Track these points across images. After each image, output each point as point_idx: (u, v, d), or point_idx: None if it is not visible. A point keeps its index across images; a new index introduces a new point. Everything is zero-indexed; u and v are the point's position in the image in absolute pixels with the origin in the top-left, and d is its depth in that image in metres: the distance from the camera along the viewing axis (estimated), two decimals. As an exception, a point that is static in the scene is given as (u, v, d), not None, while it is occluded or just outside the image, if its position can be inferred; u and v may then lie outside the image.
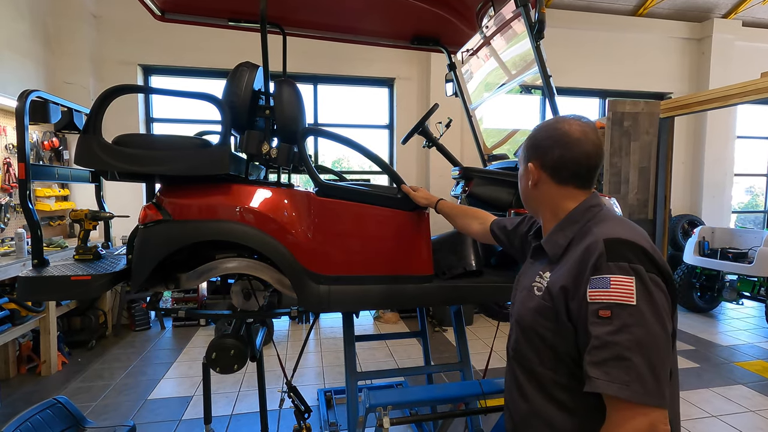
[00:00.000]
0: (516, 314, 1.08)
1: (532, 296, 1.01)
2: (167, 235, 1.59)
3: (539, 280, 1.01)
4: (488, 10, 2.35)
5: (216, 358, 1.75)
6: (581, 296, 0.87)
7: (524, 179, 1.10)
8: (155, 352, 4.23)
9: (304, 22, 2.55)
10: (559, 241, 1.00)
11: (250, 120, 1.81)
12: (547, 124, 1.06)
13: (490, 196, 2.10)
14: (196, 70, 5.33)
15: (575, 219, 1.00)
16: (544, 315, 0.96)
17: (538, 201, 1.09)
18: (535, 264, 1.11)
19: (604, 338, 0.81)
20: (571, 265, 0.92)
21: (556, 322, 0.93)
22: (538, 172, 1.05)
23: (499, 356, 4.20)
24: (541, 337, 0.97)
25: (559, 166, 1.01)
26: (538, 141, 1.05)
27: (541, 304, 0.97)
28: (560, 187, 1.03)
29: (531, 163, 1.06)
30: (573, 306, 0.89)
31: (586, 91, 6.52)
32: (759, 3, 6.28)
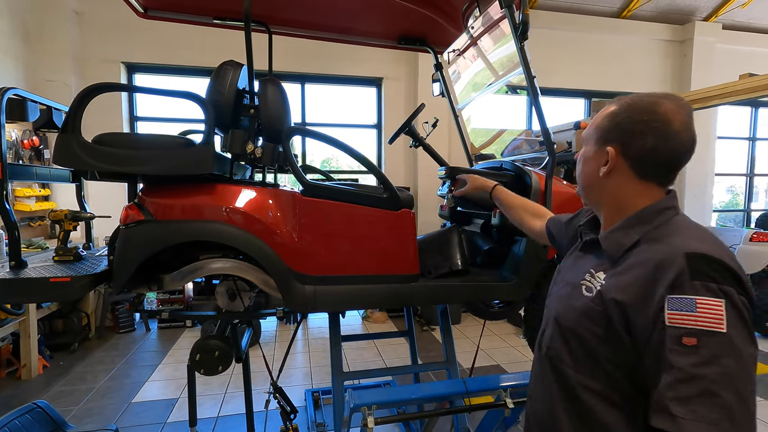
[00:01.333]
0: (555, 310, 0.98)
1: (579, 295, 0.91)
2: (149, 235, 1.56)
3: (590, 279, 0.91)
4: (474, 11, 2.37)
5: (200, 360, 1.73)
6: (651, 314, 0.75)
7: (592, 163, 0.94)
8: (140, 355, 4.17)
9: (290, 21, 2.53)
10: (622, 241, 0.88)
11: (235, 119, 1.80)
12: (641, 102, 0.88)
13: (476, 196, 2.11)
14: (181, 69, 5.26)
15: (645, 219, 0.87)
16: (593, 319, 0.86)
17: (604, 191, 0.93)
18: (584, 259, 0.99)
19: (689, 371, 0.70)
20: (636, 277, 0.80)
21: (606, 330, 0.83)
22: (617, 159, 0.89)
23: (486, 354, 4.23)
24: (582, 341, 0.87)
25: (646, 158, 0.87)
26: (626, 122, 0.88)
27: (590, 307, 0.87)
28: (638, 181, 0.89)
29: (612, 146, 0.89)
30: (638, 321, 0.78)
31: (572, 91, 6.60)
32: (738, 6, 6.43)
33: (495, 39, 2.46)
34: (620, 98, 0.92)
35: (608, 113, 0.92)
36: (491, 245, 2.20)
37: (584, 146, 0.97)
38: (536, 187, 1.96)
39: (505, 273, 2.00)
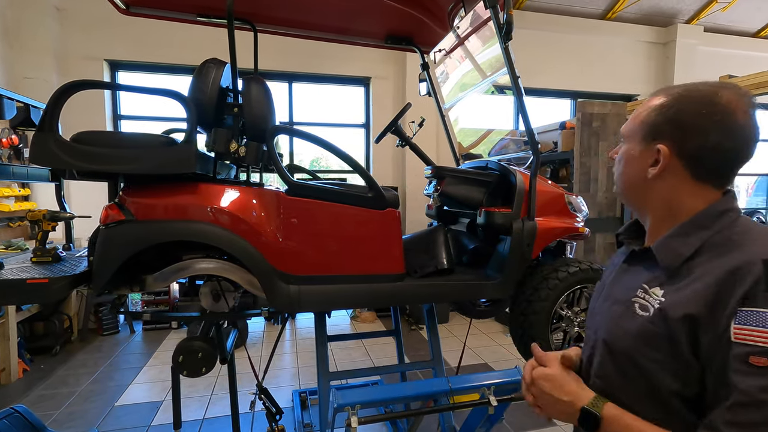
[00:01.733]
0: (604, 333, 0.84)
1: (633, 315, 0.78)
2: (130, 235, 1.54)
3: (644, 297, 0.78)
4: (459, 11, 2.38)
5: (183, 362, 1.71)
6: (720, 330, 0.66)
7: (637, 163, 0.82)
8: (124, 357, 4.10)
9: (276, 19, 2.51)
10: (679, 249, 0.76)
11: (218, 118, 1.78)
12: (696, 92, 0.76)
13: (461, 195, 2.12)
14: (166, 66, 5.19)
15: (704, 224, 0.76)
16: (651, 344, 0.74)
17: (652, 194, 0.82)
18: (632, 272, 0.87)
19: (755, 395, 0.62)
20: (703, 288, 0.69)
21: (670, 356, 0.71)
22: (670, 158, 0.77)
23: (473, 353, 4.26)
24: (639, 369, 0.75)
25: (705, 158, 0.75)
26: (681, 117, 0.76)
27: (648, 329, 0.74)
28: (694, 182, 0.77)
29: (663, 144, 0.77)
30: (704, 340, 0.67)
31: (558, 92, 6.68)
32: (719, 10, 6.57)
33: (481, 39, 2.48)
34: (668, 88, 0.80)
35: (656, 105, 0.79)
36: (477, 244, 2.22)
37: (625, 143, 0.86)
38: (521, 187, 1.98)
39: (490, 272, 2.01)
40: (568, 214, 2.12)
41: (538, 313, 1.89)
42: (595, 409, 0.77)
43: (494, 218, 1.96)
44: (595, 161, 4.33)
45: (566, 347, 2.02)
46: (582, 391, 0.82)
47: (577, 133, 4.28)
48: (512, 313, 2.00)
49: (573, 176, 4.32)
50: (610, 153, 0.92)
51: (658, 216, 0.83)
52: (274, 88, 5.57)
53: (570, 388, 0.83)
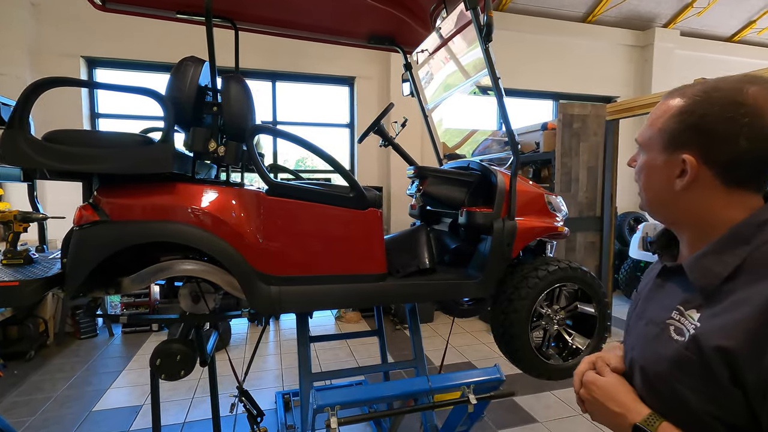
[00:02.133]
0: (638, 354, 0.78)
1: (668, 340, 0.72)
2: (104, 237, 1.50)
3: (679, 319, 0.71)
4: (441, 12, 2.39)
5: (160, 365, 1.68)
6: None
7: (662, 175, 0.74)
8: (102, 361, 4.01)
9: (257, 18, 2.48)
10: (715, 269, 0.68)
11: (197, 117, 1.75)
12: (718, 91, 0.68)
13: (443, 195, 2.14)
14: (146, 64, 5.09)
15: (743, 238, 0.67)
16: (688, 372, 0.67)
17: (682, 207, 0.74)
18: (666, 289, 0.80)
19: None
20: (744, 317, 0.61)
21: (707, 384, 0.64)
22: (699, 168, 0.69)
23: (458, 351, 4.29)
24: (679, 398, 0.68)
25: (737, 164, 0.67)
26: (704, 122, 0.68)
27: (683, 355, 0.67)
28: (727, 190, 0.69)
29: (689, 154, 0.70)
30: (750, 378, 0.60)
31: (540, 93, 6.77)
32: (695, 15, 6.75)
33: (464, 40, 2.49)
34: (684, 89, 0.72)
35: (674, 111, 0.71)
36: (458, 244, 2.23)
37: (644, 153, 0.78)
38: (501, 187, 2.00)
39: (472, 271, 2.03)
40: (548, 214, 2.15)
41: (518, 312, 1.91)
42: (649, 427, 0.70)
43: (475, 218, 1.97)
44: (576, 161, 4.41)
45: (546, 345, 2.05)
46: (636, 405, 0.75)
47: (558, 134, 4.34)
48: (493, 312, 2.02)
49: (554, 176, 4.39)
50: (629, 161, 0.84)
51: (692, 230, 0.75)
52: (258, 87, 5.56)
53: (622, 400, 0.76)
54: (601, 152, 4.48)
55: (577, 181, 4.43)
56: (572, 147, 4.38)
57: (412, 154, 2.67)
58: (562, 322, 2.08)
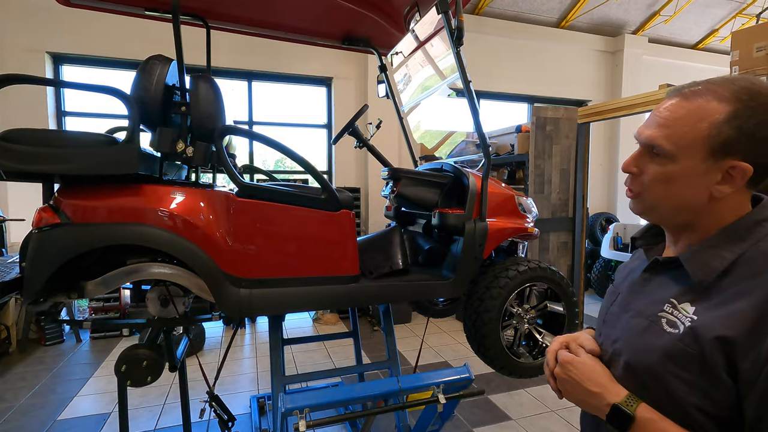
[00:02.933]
0: (623, 345, 0.80)
1: (659, 332, 0.73)
2: (65, 239, 1.45)
3: (672, 312, 0.73)
4: (415, 15, 2.41)
5: (126, 371, 1.64)
6: (764, 355, 0.61)
7: (699, 182, 0.72)
8: (69, 368, 3.86)
9: (229, 16, 2.44)
10: (713, 263, 0.71)
11: (164, 117, 1.71)
12: (761, 95, 0.67)
13: (416, 197, 2.15)
14: (114, 61, 4.94)
15: (740, 235, 0.71)
16: (681, 363, 0.69)
17: (707, 212, 0.74)
18: (656, 283, 0.81)
19: None
20: (743, 309, 0.64)
21: (700, 376, 0.67)
22: (747, 177, 0.69)
23: (434, 351, 4.32)
24: (665, 388, 0.70)
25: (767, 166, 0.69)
26: (752, 129, 0.67)
27: (677, 347, 0.69)
28: (746, 191, 0.72)
29: (739, 161, 0.68)
30: (744, 366, 0.63)
31: (516, 96, 6.90)
32: (662, 22, 7.01)
33: (437, 43, 2.52)
34: (726, 90, 0.69)
35: (725, 117, 0.68)
36: (432, 245, 2.25)
37: (671, 161, 0.73)
38: (473, 188, 2.03)
39: (445, 271, 2.05)
40: (519, 215, 2.19)
41: (489, 311, 1.94)
42: (628, 408, 0.72)
43: (447, 219, 2.00)
44: (548, 163, 4.51)
45: (517, 344, 2.09)
46: (614, 386, 0.76)
47: (531, 136, 4.43)
48: (466, 311, 2.05)
49: (528, 178, 4.48)
50: (628, 167, 0.79)
51: (704, 230, 0.75)
52: (233, 87, 5.47)
53: (600, 381, 0.78)
54: (573, 154, 4.60)
55: (550, 182, 4.53)
56: (545, 149, 4.48)
57: (390, 156, 2.68)
58: (532, 321, 2.12)
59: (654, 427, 0.69)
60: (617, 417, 0.73)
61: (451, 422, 2.69)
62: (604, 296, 0.98)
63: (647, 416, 0.70)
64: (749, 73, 2.35)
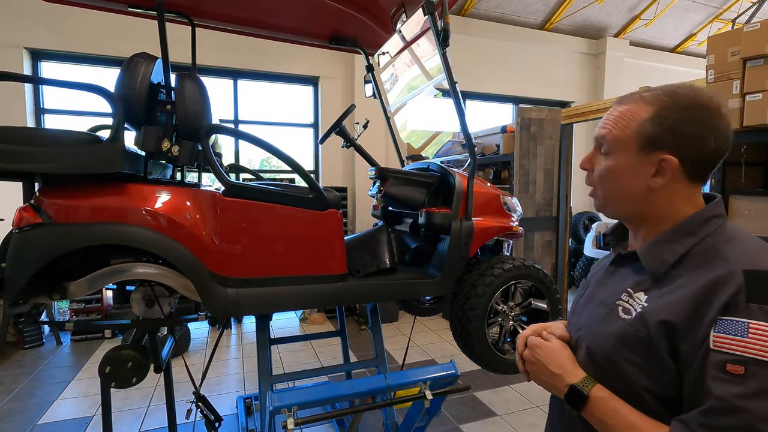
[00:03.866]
0: (586, 332, 0.86)
1: (615, 318, 0.80)
2: (47, 240, 1.43)
3: (628, 300, 0.80)
4: (402, 15, 2.43)
5: (110, 372, 1.62)
6: (699, 338, 0.67)
7: (635, 175, 0.80)
8: (49, 371, 3.78)
9: (215, 15, 2.42)
10: (665, 256, 0.77)
11: (149, 115, 1.70)
12: (683, 98, 0.76)
13: (403, 196, 2.17)
14: (97, 58, 4.85)
15: (690, 230, 0.77)
16: (631, 346, 0.75)
17: (650, 204, 0.81)
18: (618, 275, 0.88)
19: (730, 401, 0.63)
20: (685, 296, 0.71)
21: (647, 359, 0.73)
22: (675, 168, 0.76)
23: (421, 350, 4.35)
24: (619, 372, 0.76)
25: (705, 162, 0.76)
26: (681, 125, 0.75)
27: (629, 332, 0.76)
28: (690, 186, 0.78)
29: (667, 154, 0.76)
30: (683, 348, 0.69)
31: (501, 97, 6.98)
32: (643, 26, 7.17)
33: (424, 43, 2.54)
34: (649, 95, 0.79)
35: (650, 116, 0.77)
36: (418, 244, 2.27)
37: (613, 156, 0.82)
38: (459, 188, 2.05)
39: (431, 270, 2.08)
40: (504, 214, 2.23)
41: (475, 309, 1.97)
42: (584, 388, 0.79)
43: (434, 218, 2.02)
44: (533, 164, 4.58)
45: (502, 340, 2.12)
46: (574, 369, 0.83)
47: (516, 137, 4.50)
48: (452, 309, 2.08)
49: (513, 177, 4.54)
50: (583, 164, 0.88)
51: (653, 224, 0.82)
52: (218, 85, 5.41)
53: (562, 363, 0.84)
54: (557, 155, 4.68)
55: (534, 182, 4.60)
56: (530, 149, 4.55)
57: (377, 156, 2.70)
58: (517, 318, 2.16)
59: (605, 405, 0.76)
60: (573, 396, 0.80)
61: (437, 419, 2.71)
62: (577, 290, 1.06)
63: (600, 395, 0.77)
64: (724, 76, 2.44)
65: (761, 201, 2.44)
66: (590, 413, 0.78)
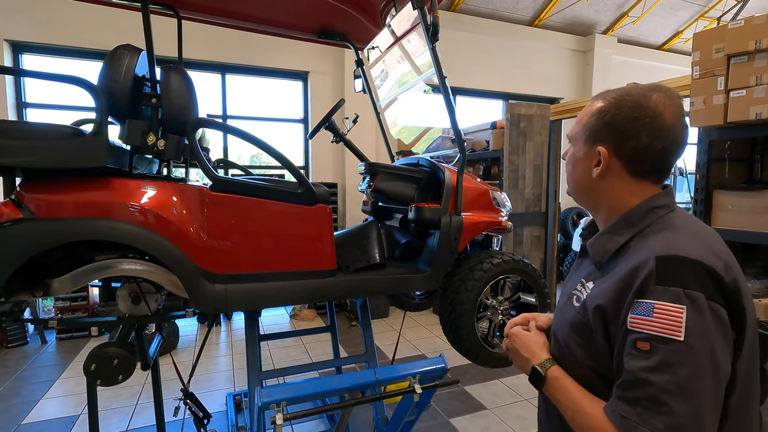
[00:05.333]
0: (556, 324, 0.95)
1: (570, 307, 0.88)
2: (29, 235, 1.40)
3: (579, 290, 0.88)
4: (391, 9, 2.42)
5: (96, 370, 1.59)
6: (621, 321, 0.74)
7: (583, 164, 0.88)
8: (33, 371, 3.71)
9: (201, 7, 2.38)
10: (606, 246, 0.84)
11: (134, 109, 1.66)
12: (628, 97, 0.82)
13: (393, 191, 2.17)
14: (80, 51, 4.74)
15: (631, 221, 0.83)
16: (578, 331, 0.84)
17: (599, 193, 0.88)
18: (580, 267, 0.96)
19: (637, 374, 0.70)
20: (615, 282, 0.77)
21: (590, 341, 0.81)
22: (610, 159, 0.83)
23: (412, 345, 4.37)
24: (572, 354, 0.85)
25: (641, 157, 0.82)
26: (616, 121, 0.82)
27: (576, 318, 0.84)
28: (633, 180, 0.84)
29: (603, 146, 0.84)
30: (612, 329, 0.77)
31: (491, 93, 7.00)
32: (630, 23, 7.24)
33: (413, 39, 2.53)
34: (606, 93, 0.87)
35: (595, 111, 0.86)
36: (408, 239, 2.27)
37: (572, 146, 0.92)
38: (449, 183, 2.06)
39: (421, 265, 2.08)
40: (493, 209, 2.24)
41: (464, 303, 1.98)
42: (541, 369, 0.88)
43: (423, 213, 2.02)
44: (522, 159, 4.61)
45: (491, 334, 2.14)
46: (540, 353, 0.92)
47: (506, 132, 4.52)
48: (442, 304, 2.08)
49: (503, 173, 4.57)
50: (563, 154, 0.98)
51: (606, 214, 0.89)
52: (206, 80, 5.33)
53: (532, 348, 0.94)
54: (546, 151, 4.72)
55: (523, 178, 4.63)
56: (519, 145, 4.58)
57: (367, 151, 2.69)
58: (506, 312, 2.18)
59: (557, 383, 0.85)
60: (533, 376, 0.90)
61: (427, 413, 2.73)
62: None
63: (554, 375, 0.87)
64: (709, 73, 2.47)
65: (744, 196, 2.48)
66: (547, 391, 0.87)
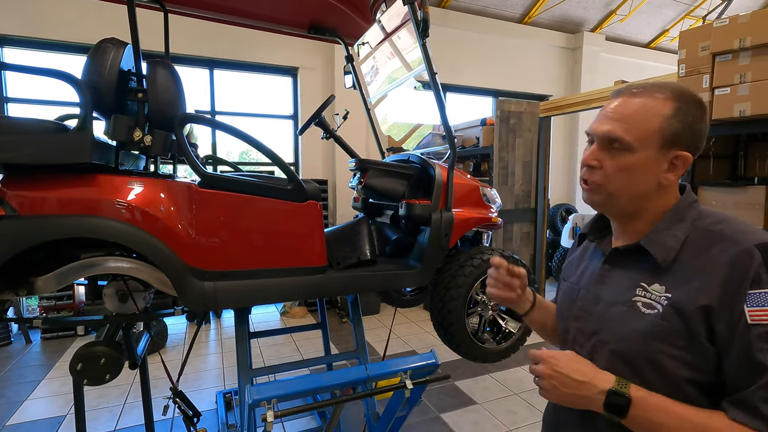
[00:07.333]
0: (606, 335, 0.83)
1: (639, 316, 0.78)
2: (12, 233, 1.37)
3: (645, 295, 0.79)
4: (381, 5, 2.41)
5: (82, 369, 1.57)
6: (735, 317, 0.69)
7: (652, 171, 0.79)
8: (18, 371, 3.65)
9: (189, 1, 2.35)
10: (668, 243, 0.78)
11: (119, 104, 1.64)
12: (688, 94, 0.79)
13: (384, 188, 2.17)
14: (64, 45, 4.64)
15: (681, 216, 0.80)
16: (668, 340, 0.74)
17: (652, 199, 0.82)
18: (618, 271, 0.86)
19: None
20: (710, 278, 0.72)
21: (686, 349, 0.73)
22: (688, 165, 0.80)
23: (402, 341, 4.39)
24: (656, 366, 0.75)
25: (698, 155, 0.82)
26: (697, 123, 0.78)
27: (662, 325, 0.74)
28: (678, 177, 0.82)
29: (684, 151, 0.78)
30: (720, 328, 0.70)
31: (481, 89, 7.02)
32: (618, 21, 7.31)
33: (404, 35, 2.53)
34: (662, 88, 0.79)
35: (672, 112, 0.77)
36: (399, 235, 2.28)
37: (630, 153, 0.79)
38: (439, 179, 2.06)
39: (412, 261, 2.08)
40: (483, 206, 2.25)
41: (455, 299, 1.99)
42: (623, 389, 0.74)
43: (414, 209, 2.02)
44: (512, 156, 4.64)
45: (481, 330, 2.15)
46: (599, 372, 0.78)
47: (496, 129, 4.54)
48: (432, 300, 2.09)
49: (493, 170, 4.59)
50: (589, 160, 0.83)
51: (650, 216, 0.83)
52: (194, 75, 5.26)
53: (586, 369, 0.79)
54: (535, 147, 4.75)
55: (513, 174, 4.66)
56: (509, 142, 4.60)
57: (358, 147, 2.68)
58: (496, 308, 2.20)
59: (649, 404, 0.72)
60: (613, 401, 0.74)
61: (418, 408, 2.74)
62: (560, 294, 1.02)
63: (640, 395, 0.73)
64: (694, 70, 2.51)
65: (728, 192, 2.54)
66: (636, 416, 0.73)
